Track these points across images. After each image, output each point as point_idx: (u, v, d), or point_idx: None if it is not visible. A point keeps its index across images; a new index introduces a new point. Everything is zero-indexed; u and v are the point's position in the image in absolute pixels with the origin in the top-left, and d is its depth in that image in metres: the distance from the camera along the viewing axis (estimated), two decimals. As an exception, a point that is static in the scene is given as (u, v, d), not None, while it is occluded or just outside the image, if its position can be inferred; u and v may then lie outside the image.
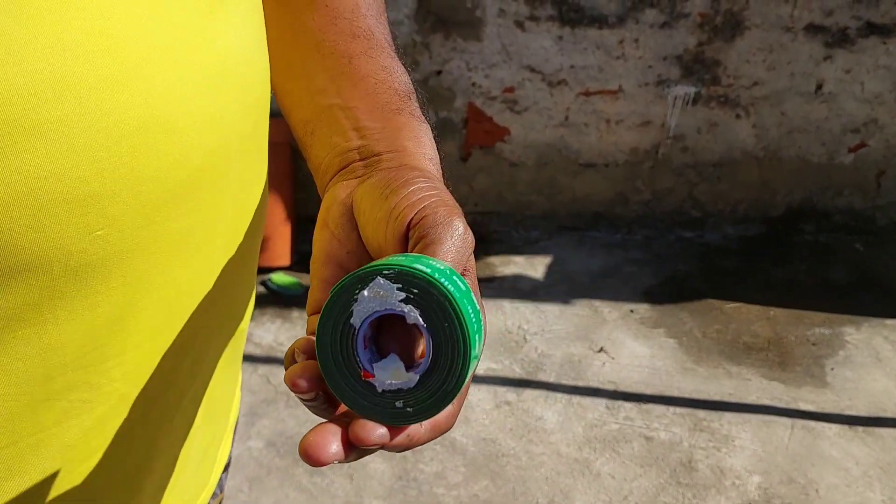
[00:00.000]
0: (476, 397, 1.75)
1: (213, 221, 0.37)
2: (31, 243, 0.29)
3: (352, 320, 0.28)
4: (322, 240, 0.36)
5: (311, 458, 0.28)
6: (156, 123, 0.31)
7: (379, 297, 0.28)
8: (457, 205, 0.33)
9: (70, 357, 0.32)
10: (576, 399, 1.75)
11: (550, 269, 2.20)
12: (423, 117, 0.41)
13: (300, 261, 2.15)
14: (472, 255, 0.33)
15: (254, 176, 0.40)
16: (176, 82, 0.32)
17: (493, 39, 2.09)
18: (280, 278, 2.07)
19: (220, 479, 0.54)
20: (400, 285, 0.27)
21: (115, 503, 0.39)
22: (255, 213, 0.42)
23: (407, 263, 0.27)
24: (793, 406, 1.74)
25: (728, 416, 1.71)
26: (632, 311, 2.04)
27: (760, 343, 1.94)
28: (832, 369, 1.85)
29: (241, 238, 0.40)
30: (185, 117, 0.33)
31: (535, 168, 2.29)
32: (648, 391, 1.78)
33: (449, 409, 0.30)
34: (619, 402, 1.74)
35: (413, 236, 0.32)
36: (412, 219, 0.32)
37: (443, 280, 0.27)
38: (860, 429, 1.68)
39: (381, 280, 0.28)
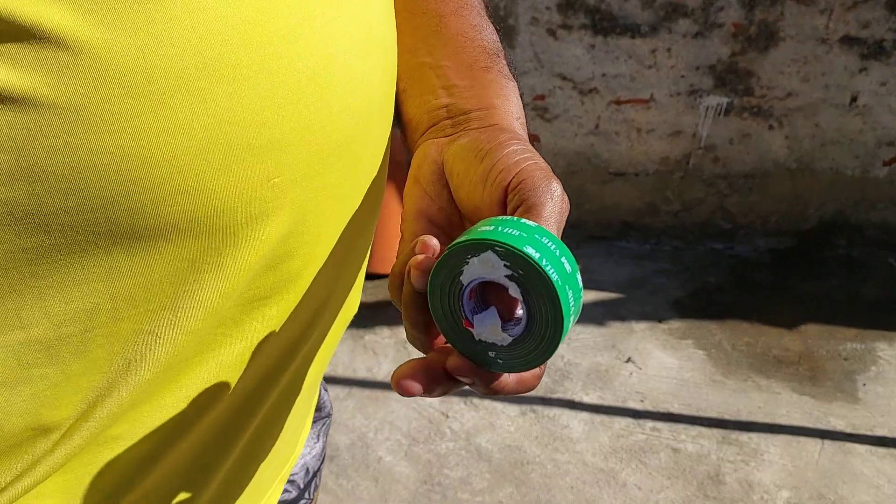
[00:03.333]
0: (501, 404, 1.74)
1: (358, 181, 0.38)
2: (221, 188, 0.30)
3: (461, 277, 0.30)
4: (413, 195, 0.37)
5: (401, 388, 0.30)
6: (322, 76, 0.32)
7: (487, 266, 0.29)
8: (549, 166, 0.34)
9: (237, 300, 0.33)
10: (602, 408, 1.74)
11: (578, 278, 2.19)
12: (511, 75, 0.42)
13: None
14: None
15: (384, 144, 0.41)
16: (337, 40, 0.33)
17: (526, 47, 2.10)
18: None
19: (314, 481, 0.55)
20: (507, 263, 0.29)
21: (218, 449, 0.39)
22: (381, 182, 0.43)
23: (518, 244, 0.28)
24: (823, 421, 1.72)
25: (757, 429, 1.69)
26: (660, 321, 2.02)
27: (791, 357, 1.91)
28: (864, 385, 1.82)
29: (371, 204, 0.41)
30: (343, 74, 0.34)
31: (564, 176, 2.28)
32: (676, 403, 1.76)
33: (536, 370, 0.32)
34: (647, 413, 1.73)
35: (512, 200, 0.32)
36: (510, 182, 0.33)
37: (549, 268, 0.28)
38: (893, 446, 1.65)
39: (491, 254, 0.29)
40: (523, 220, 0.30)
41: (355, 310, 0.47)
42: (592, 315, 2.04)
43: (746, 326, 2.01)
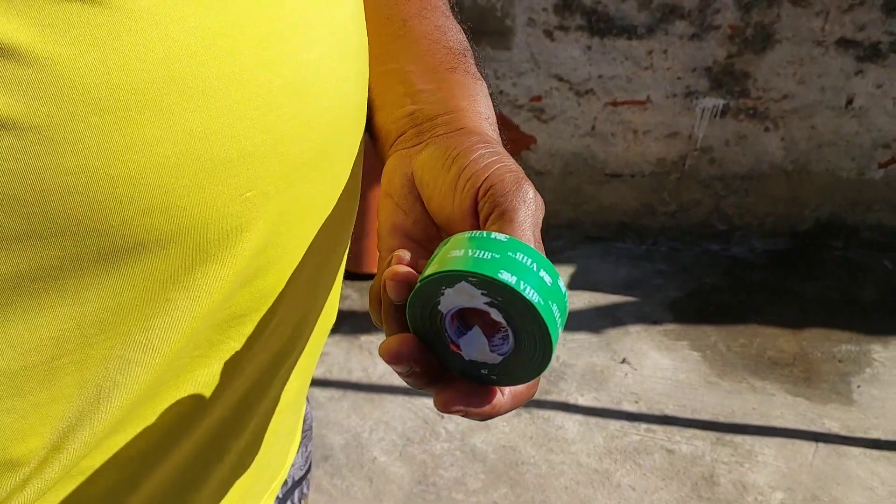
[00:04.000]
0: (497, 405, 1.74)
1: (331, 192, 0.37)
2: (192, 205, 0.29)
3: (439, 307, 0.29)
4: (387, 210, 0.36)
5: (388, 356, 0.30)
6: (294, 86, 0.32)
7: (464, 295, 0.28)
8: (520, 168, 0.33)
9: (212, 318, 0.32)
10: (597, 409, 1.74)
11: (574, 279, 2.19)
12: (479, 74, 0.41)
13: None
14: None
15: (357, 151, 0.40)
16: (308, 47, 0.32)
17: (522, 48, 2.10)
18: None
19: (308, 478, 0.54)
20: (484, 291, 0.27)
21: (202, 468, 0.39)
22: (355, 192, 0.42)
23: (491, 272, 0.27)
24: (818, 423, 1.72)
25: (751, 431, 1.70)
26: (655, 322, 2.03)
27: (786, 358, 1.91)
28: (858, 387, 1.82)
29: (345, 215, 0.40)
30: (315, 82, 0.33)
31: (560, 177, 2.29)
32: (671, 404, 1.76)
33: (531, 382, 0.31)
34: (641, 414, 1.73)
35: (484, 207, 0.31)
36: (480, 188, 0.32)
37: (527, 290, 0.27)
38: (887, 448, 1.66)
39: (465, 284, 0.28)
40: (494, 236, 0.29)
41: (333, 318, 0.46)
42: (588, 316, 2.04)
43: (742, 328, 2.01)
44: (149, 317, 0.30)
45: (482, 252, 0.28)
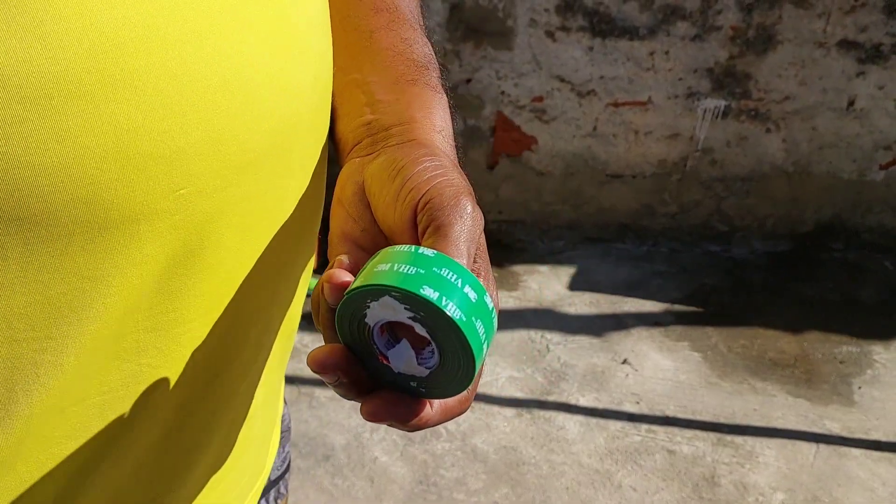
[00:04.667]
0: (497, 405, 1.74)
1: (283, 193, 0.36)
2: (121, 200, 0.28)
3: (366, 320, 0.30)
4: (337, 217, 0.36)
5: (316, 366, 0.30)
6: (235, 83, 0.31)
7: (388, 309, 0.28)
8: (464, 181, 0.33)
9: (142, 317, 0.32)
10: (598, 410, 1.74)
11: (575, 280, 2.19)
12: (440, 87, 0.41)
13: (325, 265, 2.16)
14: (482, 233, 0.33)
15: (318, 154, 0.40)
16: (253, 44, 0.32)
17: (524, 49, 2.10)
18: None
19: (286, 479, 0.54)
20: (407, 305, 0.28)
21: (170, 476, 0.39)
22: (316, 194, 0.41)
23: (413, 287, 0.27)
24: (819, 424, 1.72)
25: (752, 432, 1.70)
26: (656, 323, 2.03)
27: (787, 359, 1.91)
28: (859, 388, 1.83)
29: (305, 216, 0.40)
30: (262, 80, 0.32)
31: (561, 178, 2.29)
32: (672, 405, 1.76)
33: (461, 395, 0.32)
34: (642, 415, 1.73)
35: (422, 220, 0.31)
36: (419, 202, 0.32)
37: (449, 306, 0.27)
38: (887, 449, 1.66)
39: (389, 298, 0.28)
40: (421, 251, 0.29)
41: (297, 324, 0.46)
42: (588, 317, 2.04)
43: (742, 329, 2.01)
44: (78, 313, 0.29)
45: (408, 267, 0.28)
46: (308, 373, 1.81)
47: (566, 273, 2.22)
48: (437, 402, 0.32)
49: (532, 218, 2.34)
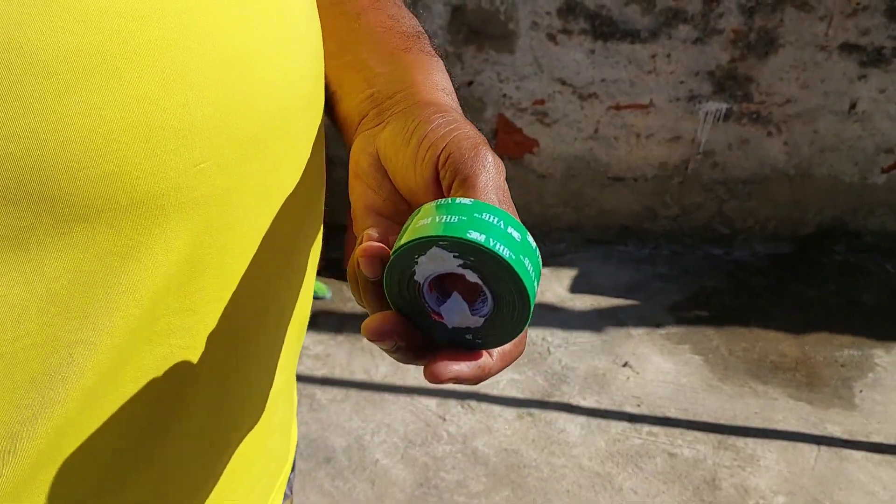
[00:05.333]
0: (498, 407, 1.75)
1: (290, 167, 0.37)
2: (146, 174, 0.28)
3: (415, 277, 0.30)
4: (357, 191, 0.36)
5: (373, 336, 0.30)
6: (242, 57, 0.31)
7: (437, 261, 0.29)
8: (478, 132, 0.33)
9: (171, 298, 0.32)
10: (599, 413, 1.75)
11: (576, 282, 2.19)
12: (434, 52, 0.41)
13: (328, 266, 2.16)
14: (504, 180, 0.33)
15: (311, 143, 0.40)
16: (254, 21, 0.32)
17: (526, 51, 2.10)
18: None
19: (290, 478, 0.54)
20: (456, 253, 0.28)
21: (199, 465, 0.38)
22: (320, 170, 0.41)
23: (460, 233, 0.28)
24: (820, 427, 1.72)
25: (753, 434, 1.70)
26: (657, 326, 2.03)
27: (788, 363, 1.91)
28: (861, 391, 1.82)
29: (311, 191, 0.40)
30: (261, 61, 0.33)
31: (563, 180, 2.29)
32: (673, 407, 1.76)
33: (516, 338, 0.31)
34: (643, 418, 1.73)
35: (445, 176, 0.32)
36: (438, 159, 0.32)
37: (497, 246, 0.28)
38: (889, 452, 1.66)
39: (437, 249, 0.28)
40: (458, 201, 0.29)
41: (308, 309, 0.47)
42: (590, 319, 2.05)
43: (744, 332, 2.01)
44: (108, 292, 0.29)
45: (449, 216, 0.28)
46: (308, 375, 1.81)
47: (567, 275, 2.22)
48: (494, 350, 0.32)
49: (533, 220, 2.34)
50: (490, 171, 0.31)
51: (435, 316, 0.31)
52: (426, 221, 0.29)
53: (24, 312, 0.27)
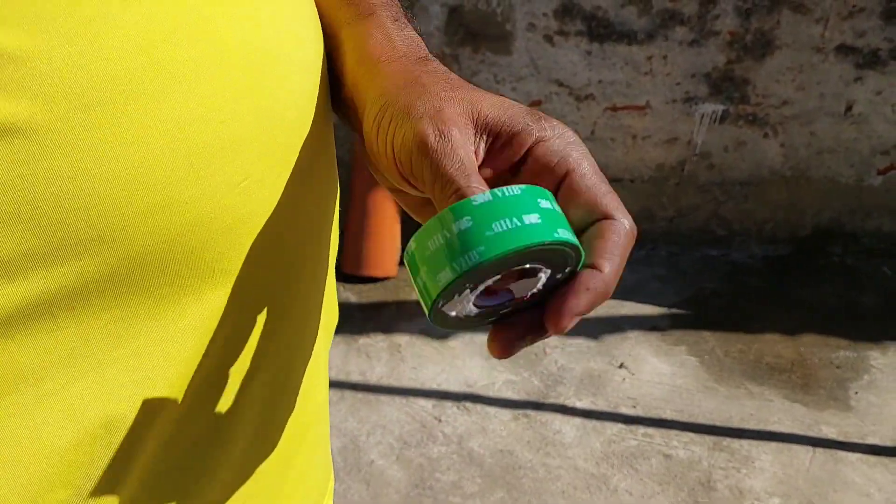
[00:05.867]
0: (494, 409, 1.74)
1: (307, 183, 0.36)
2: (193, 199, 0.27)
3: (468, 294, 0.29)
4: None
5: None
6: (271, 68, 0.30)
7: (460, 303, 0.28)
8: (440, 84, 0.34)
9: (232, 326, 0.31)
10: (594, 414, 1.75)
11: (573, 284, 2.19)
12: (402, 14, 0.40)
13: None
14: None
15: (326, 149, 0.39)
16: (275, 31, 0.31)
17: (522, 53, 2.11)
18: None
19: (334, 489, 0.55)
20: (471, 286, 0.28)
21: (277, 465, 0.39)
22: (332, 188, 0.40)
23: (465, 266, 0.26)
24: (815, 429, 1.72)
25: (748, 436, 1.70)
26: (654, 327, 2.03)
27: (783, 364, 1.91)
28: (856, 393, 1.83)
29: (328, 206, 0.40)
30: (287, 69, 0.32)
31: (560, 182, 2.29)
32: (668, 409, 1.76)
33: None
34: (639, 419, 1.73)
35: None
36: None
37: (556, 234, 0.27)
38: (884, 454, 1.66)
39: (458, 296, 0.28)
40: (504, 193, 0.27)
41: (336, 316, 0.46)
42: (586, 320, 2.04)
43: (740, 333, 2.01)
44: (164, 326, 0.28)
45: (500, 224, 0.27)
46: (305, 376, 1.81)
47: (564, 277, 2.22)
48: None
49: (530, 222, 2.34)
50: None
51: (515, 300, 0.30)
52: (499, 229, 0.26)
53: (73, 352, 0.27)
